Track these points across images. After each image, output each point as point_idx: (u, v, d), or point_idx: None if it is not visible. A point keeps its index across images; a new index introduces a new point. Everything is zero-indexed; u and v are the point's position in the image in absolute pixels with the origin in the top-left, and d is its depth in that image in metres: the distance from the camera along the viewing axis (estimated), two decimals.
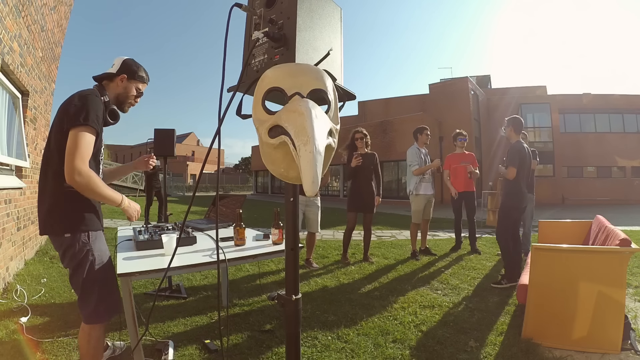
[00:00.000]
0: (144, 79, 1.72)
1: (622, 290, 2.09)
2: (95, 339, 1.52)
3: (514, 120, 3.67)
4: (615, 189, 17.77)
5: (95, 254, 1.50)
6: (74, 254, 1.47)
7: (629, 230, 6.80)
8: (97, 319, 1.50)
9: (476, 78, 21.88)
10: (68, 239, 1.46)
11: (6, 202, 3.24)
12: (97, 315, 1.49)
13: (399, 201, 16.50)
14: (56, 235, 1.48)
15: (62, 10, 5.01)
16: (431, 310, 2.79)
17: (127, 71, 1.64)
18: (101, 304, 1.49)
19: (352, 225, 4.39)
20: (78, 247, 1.46)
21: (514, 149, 3.48)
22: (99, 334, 1.53)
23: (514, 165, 3.42)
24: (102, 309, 1.49)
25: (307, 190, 0.68)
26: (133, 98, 1.70)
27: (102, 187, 1.45)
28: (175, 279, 3.40)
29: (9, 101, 3.58)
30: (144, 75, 1.72)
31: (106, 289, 1.51)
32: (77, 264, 1.47)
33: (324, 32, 1.00)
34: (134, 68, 1.66)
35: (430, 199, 4.76)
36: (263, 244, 2.09)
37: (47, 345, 2.11)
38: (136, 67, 1.68)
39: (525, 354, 2.06)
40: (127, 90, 1.66)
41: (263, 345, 2.19)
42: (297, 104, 0.75)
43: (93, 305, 1.48)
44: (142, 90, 1.73)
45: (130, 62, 1.67)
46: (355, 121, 21.62)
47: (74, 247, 1.46)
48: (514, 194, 3.48)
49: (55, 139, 1.47)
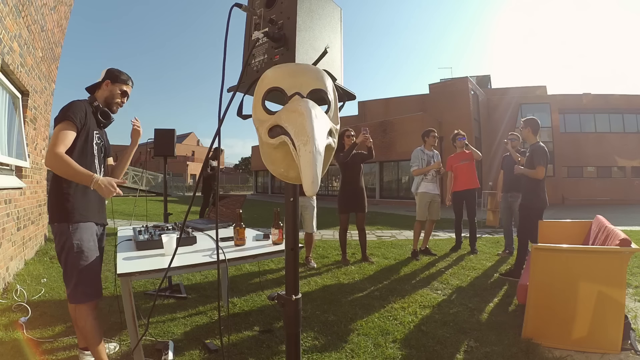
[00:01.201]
0: (126, 81, 1.95)
1: (622, 290, 2.09)
2: (83, 319, 1.70)
3: (532, 122, 3.68)
4: (615, 189, 17.77)
5: (75, 242, 1.68)
6: (57, 241, 1.72)
7: (629, 230, 6.80)
8: (75, 299, 1.69)
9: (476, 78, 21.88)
10: (55, 227, 1.72)
11: (6, 202, 3.24)
12: (75, 296, 1.68)
13: (399, 201, 16.51)
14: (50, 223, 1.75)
15: (62, 10, 5.01)
16: (431, 310, 2.79)
17: (110, 77, 1.90)
18: (78, 287, 1.67)
19: (345, 226, 4.41)
20: (60, 235, 1.70)
21: (540, 149, 3.53)
22: (84, 313, 1.70)
23: (542, 164, 3.46)
24: (79, 292, 1.67)
25: (307, 190, 0.68)
26: (119, 97, 1.93)
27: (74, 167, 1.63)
28: (175, 278, 3.40)
29: (9, 101, 3.58)
30: (125, 77, 1.95)
31: (84, 275, 1.68)
32: (59, 249, 1.71)
33: (324, 32, 1.00)
34: (115, 73, 1.92)
35: (435, 198, 4.78)
36: (263, 244, 2.09)
37: (47, 345, 2.11)
38: (118, 72, 1.93)
39: (525, 354, 2.06)
40: (112, 93, 1.91)
41: (263, 345, 2.19)
42: (297, 104, 0.75)
43: (72, 287, 1.68)
44: (125, 90, 1.95)
45: (112, 69, 1.93)
46: (355, 121, 21.62)
47: (57, 234, 1.71)
48: (539, 195, 3.53)
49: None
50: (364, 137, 4.07)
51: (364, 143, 4.13)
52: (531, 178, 3.53)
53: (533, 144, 3.61)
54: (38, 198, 4.58)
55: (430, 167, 4.69)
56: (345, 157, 4.21)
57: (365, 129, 4.14)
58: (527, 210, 3.60)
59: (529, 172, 3.54)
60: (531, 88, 21.47)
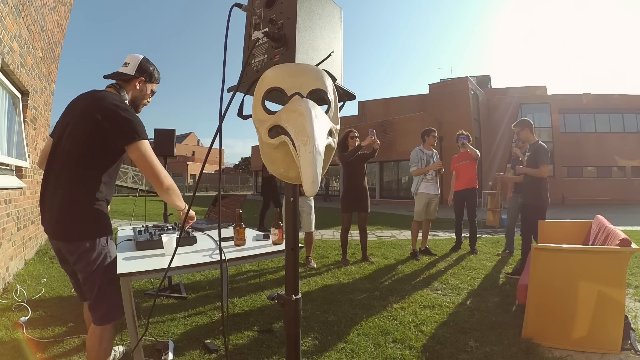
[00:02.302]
0: (158, 80, 1.74)
1: (622, 290, 2.09)
2: (107, 340, 1.54)
3: (526, 122, 3.73)
4: (615, 189, 17.78)
5: (111, 255, 1.54)
6: (94, 258, 1.46)
7: (629, 230, 6.80)
8: (111, 318, 1.53)
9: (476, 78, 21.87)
10: (86, 245, 1.45)
11: (6, 202, 3.24)
12: (110, 315, 1.52)
13: (399, 201, 16.51)
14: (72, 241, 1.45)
15: (62, 10, 5.01)
16: (431, 310, 2.78)
17: (145, 74, 1.65)
18: (114, 302, 1.51)
19: (348, 225, 4.40)
20: (97, 251, 1.47)
21: (542, 147, 3.55)
22: (110, 335, 1.55)
23: (546, 162, 3.49)
24: (115, 308, 1.52)
25: (307, 190, 0.68)
26: (148, 97, 1.72)
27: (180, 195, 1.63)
28: (175, 278, 3.40)
29: (9, 101, 3.58)
30: (158, 76, 1.73)
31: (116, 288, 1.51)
32: (95, 267, 1.47)
33: (324, 32, 1.00)
34: (150, 70, 1.67)
35: (433, 198, 4.77)
36: (263, 244, 2.09)
37: (47, 345, 2.11)
38: (153, 69, 1.69)
39: (525, 354, 2.06)
40: (143, 93, 1.68)
41: (263, 345, 2.19)
42: (297, 104, 0.75)
43: (107, 305, 1.50)
44: (155, 90, 1.76)
45: (146, 64, 1.66)
46: (355, 121, 21.62)
47: (92, 251, 1.46)
48: (542, 194, 3.54)
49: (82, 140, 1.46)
50: (370, 140, 4.06)
51: (371, 146, 4.12)
52: (534, 177, 3.54)
53: (533, 144, 3.63)
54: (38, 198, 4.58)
55: (430, 167, 4.68)
56: (349, 156, 4.21)
57: (372, 130, 4.14)
58: (531, 209, 3.62)
59: (534, 171, 3.55)
60: (531, 88, 21.47)
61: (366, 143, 4.10)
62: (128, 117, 1.47)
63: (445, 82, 19.79)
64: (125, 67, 1.63)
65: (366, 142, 4.09)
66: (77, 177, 1.46)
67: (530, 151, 3.64)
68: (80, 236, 1.45)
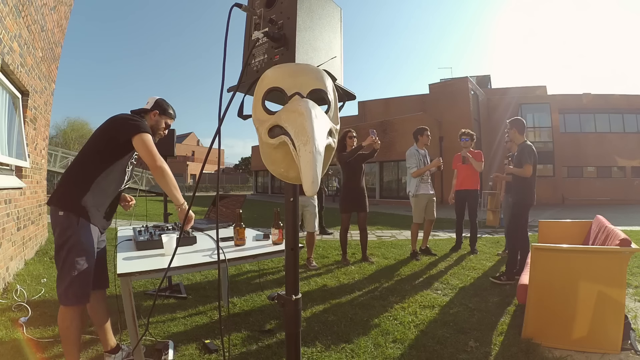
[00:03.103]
0: (172, 116, 2.10)
1: (622, 290, 2.09)
2: (69, 319, 1.63)
3: (517, 122, 3.72)
4: (615, 189, 17.77)
5: (81, 240, 1.64)
6: (61, 232, 1.65)
7: (629, 230, 6.80)
8: (65, 300, 1.63)
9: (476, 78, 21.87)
10: (62, 216, 1.65)
11: (6, 202, 3.24)
12: (65, 297, 1.63)
13: (399, 201, 16.50)
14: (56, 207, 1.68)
15: (62, 10, 5.01)
16: (431, 310, 2.79)
17: (159, 108, 2.02)
18: (71, 288, 1.62)
19: (347, 225, 4.40)
20: (66, 228, 1.64)
21: (527, 147, 3.56)
22: (72, 315, 1.64)
23: (529, 163, 3.49)
24: (70, 293, 1.62)
25: (307, 191, 0.68)
26: (162, 130, 2.07)
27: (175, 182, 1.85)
28: (175, 278, 3.41)
29: (9, 101, 3.58)
30: (172, 112, 2.09)
31: (78, 276, 1.63)
32: (60, 242, 1.64)
33: (324, 32, 1.00)
34: (165, 106, 2.04)
35: (431, 198, 4.75)
36: (263, 244, 2.09)
37: (47, 345, 2.11)
38: (167, 105, 2.05)
39: (525, 354, 2.06)
40: (158, 124, 2.03)
41: (263, 345, 2.19)
42: (297, 104, 0.75)
43: (64, 287, 1.62)
44: (169, 124, 2.11)
45: (162, 101, 2.04)
46: (355, 121, 21.62)
47: (62, 226, 1.65)
48: (528, 191, 3.56)
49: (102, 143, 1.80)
50: (371, 140, 4.05)
51: (372, 146, 4.11)
52: (520, 177, 3.59)
53: (521, 144, 3.66)
54: (38, 198, 4.58)
55: (430, 166, 4.65)
56: (348, 156, 4.20)
57: (372, 130, 4.12)
58: (514, 206, 3.66)
59: (518, 170, 3.60)
60: (531, 88, 21.46)
61: (367, 143, 4.08)
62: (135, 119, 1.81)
63: (445, 82, 19.79)
64: (146, 105, 2.04)
65: (367, 142, 4.08)
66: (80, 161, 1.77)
67: (517, 151, 3.70)
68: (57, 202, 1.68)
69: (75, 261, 1.62)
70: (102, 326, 1.90)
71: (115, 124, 1.80)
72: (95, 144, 1.80)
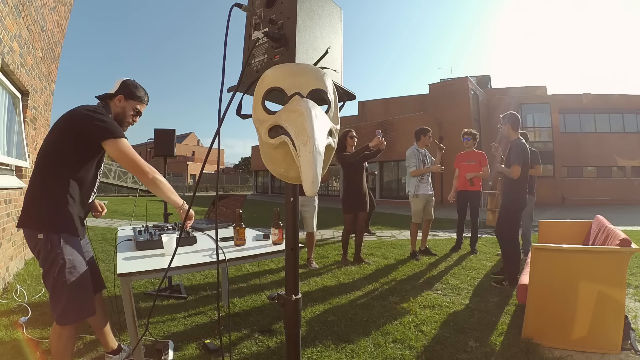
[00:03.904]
0: (141, 98, 1.76)
1: (622, 290, 2.09)
2: (65, 338, 1.56)
3: (511, 117, 3.51)
4: (615, 189, 17.77)
5: (67, 258, 1.50)
6: (46, 255, 1.49)
7: (629, 230, 6.80)
8: (66, 320, 1.53)
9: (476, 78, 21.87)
10: (42, 239, 1.49)
11: (6, 202, 3.24)
12: (65, 317, 1.52)
13: (399, 201, 16.49)
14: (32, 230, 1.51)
15: (62, 10, 5.01)
16: (431, 310, 2.78)
17: (124, 91, 1.71)
18: (70, 306, 1.51)
19: (350, 226, 4.38)
20: (49, 250, 1.49)
21: (517, 146, 3.32)
22: (69, 334, 1.57)
23: (517, 164, 3.26)
24: (70, 311, 1.52)
25: (307, 191, 0.68)
26: (131, 117, 1.76)
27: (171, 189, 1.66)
28: (175, 278, 3.41)
29: (9, 101, 3.58)
30: (141, 94, 1.76)
31: (76, 292, 1.52)
32: (47, 266, 1.50)
33: (324, 32, 1.00)
34: (131, 88, 1.72)
35: (430, 198, 4.75)
36: (263, 244, 2.09)
37: (47, 345, 2.11)
38: (134, 87, 1.73)
39: (525, 354, 2.06)
40: (124, 110, 1.73)
41: (263, 345, 2.19)
42: (297, 104, 0.75)
43: (61, 307, 1.50)
44: (140, 110, 1.78)
45: (129, 82, 1.73)
46: (355, 121, 21.62)
47: (45, 248, 1.49)
48: (516, 193, 3.36)
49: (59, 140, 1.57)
50: (378, 140, 4.03)
51: (379, 147, 4.10)
52: (508, 177, 3.37)
53: (513, 141, 3.43)
54: None
55: (430, 169, 4.63)
56: (353, 157, 4.20)
57: (379, 131, 4.12)
58: (507, 213, 3.42)
59: (505, 170, 3.38)
60: (531, 88, 21.46)
61: (373, 144, 4.06)
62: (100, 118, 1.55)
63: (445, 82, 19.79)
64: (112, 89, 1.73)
65: (373, 142, 4.05)
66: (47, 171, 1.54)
67: (509, 149, 3.46)
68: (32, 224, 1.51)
69: (67, 280, 1.48)
70: (102, 330, 1.86)
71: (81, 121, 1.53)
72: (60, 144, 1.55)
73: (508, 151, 3.47)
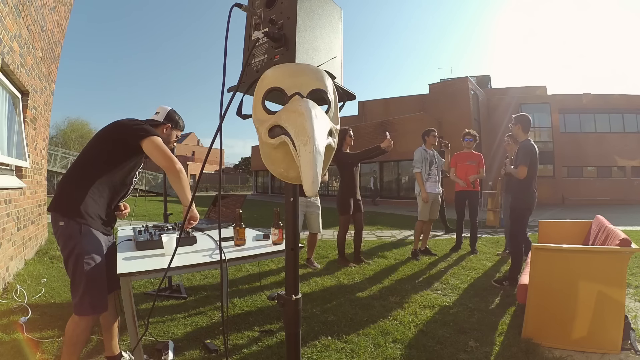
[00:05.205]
0: (183, 128, 2.06)
1: (622, 290, 2.09)
2: (81, 329, 1.60)
3: (522, 118, 3.56)
4: (615, 189, 17.76)
5: (85, 248, 1.58)
6: (65, 242, 1.59)
7: (629, 230, 6.80)
8: (81, 310, 1.58)
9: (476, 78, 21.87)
10: (64, 225, 1.58)
11: (6, 202, 3.24)
12: (81, 306, 1.58)
13: (399, 201, 16.50)
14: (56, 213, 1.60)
15: (62, 10, 5.01)
16: (431, 310, 2.79)
17: (171, 121, 1.98)
18: (85, 297, 1.57)
19: (347, 227, 4.39)
20: (68, 238, 1.58)
21: (525, 147, 3.38)
22: (86, 325, 1.61)
23: (524, 164, 3.31)
24: (86, 303, 1.57)
25: (307, 191, 0.68)
26: (173, 143, 2.03)
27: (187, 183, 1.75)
28: (175, 278, 3.40)
29: (9, 101, 3.58)
30: (183, 125, 2.06)
31: (92, 286, 1.58)
32: (67, 254, 1.59)
33: (324, 32, 1.00)
34: (176, 119, 2.01)
35: (437, 197, 4.76)
36: (263, 244, 2.09)
37: (47, 345, 2.11)
38: (179, 118, 2.02)
39: (525, 354, 2.06)
40: (169, 137, 2.00)
41: (263, 345, 2.19)
42: (297, 104, 0.75)
43: (79, 296, 1.57)
44: (179, 136, 2.07)
45: (174, 114, 2.00)
46: (355, 121, 21.62)
47: (65, 236, 1.58)
48: (525, 194, 3.40)
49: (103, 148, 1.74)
50: (388, 142, 4.03)
51: (388, 148, 4.10)
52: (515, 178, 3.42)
53: (522, 142, 3.48)
54: (38, 198, 4.58)
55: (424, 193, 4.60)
56: (361, 158, 4.21)
57: (387, 132, 4.13)
58: (513, 212, 3.46)
59: (513, 171, 3.43)
60: (531, 88, 21.46)
61: (385, 145, 4.03)
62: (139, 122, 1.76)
63: (445, 82, 19.78)
64: (155, 115, 1.97)
65: (385, 144, 4.02)
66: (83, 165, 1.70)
67: (517, 149, 3.52)
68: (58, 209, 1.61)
69: (84, 270, 1.56)
70: (110, 328, 1.85)
71: (122, 128, 1.73)
72: (99, 146, 1.72)
73: (517, 152, 3.52)
